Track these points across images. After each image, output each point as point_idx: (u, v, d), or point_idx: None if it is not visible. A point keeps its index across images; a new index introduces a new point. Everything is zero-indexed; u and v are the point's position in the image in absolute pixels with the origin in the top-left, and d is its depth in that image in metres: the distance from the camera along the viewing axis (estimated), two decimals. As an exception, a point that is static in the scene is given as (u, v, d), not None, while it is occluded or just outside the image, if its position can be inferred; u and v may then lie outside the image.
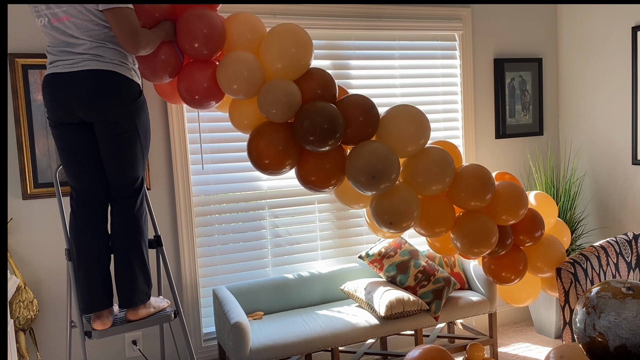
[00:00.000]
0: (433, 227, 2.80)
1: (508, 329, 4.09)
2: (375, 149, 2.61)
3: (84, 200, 2.43)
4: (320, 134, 2.49)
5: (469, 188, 2.77)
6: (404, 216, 2.67)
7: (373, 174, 2.56)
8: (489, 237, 2.78)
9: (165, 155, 3.21)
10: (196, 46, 2.51)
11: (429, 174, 2.73)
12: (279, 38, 2.59)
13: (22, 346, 2.82)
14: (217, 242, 3.38)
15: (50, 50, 2.33)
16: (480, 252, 2.82)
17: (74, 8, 2.23)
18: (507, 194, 2.88)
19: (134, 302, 2.46)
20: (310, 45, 2.63)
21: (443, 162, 2.74)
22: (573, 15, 4.08)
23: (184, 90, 2.61)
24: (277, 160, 2.61)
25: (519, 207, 2.87)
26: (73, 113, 2.33)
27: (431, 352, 2.60)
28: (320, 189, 2.69)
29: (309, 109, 2.53)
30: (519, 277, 2.98)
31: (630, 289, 2.23)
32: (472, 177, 2.79)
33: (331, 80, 2.68)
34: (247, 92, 2.57)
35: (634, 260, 3.12)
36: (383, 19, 3.60)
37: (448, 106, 3.90)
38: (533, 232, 2.97)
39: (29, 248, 2.95)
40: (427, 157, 2.75)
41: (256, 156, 2.63)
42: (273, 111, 2.53)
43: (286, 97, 2.51)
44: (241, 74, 2.52)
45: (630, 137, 3.76)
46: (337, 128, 2.52)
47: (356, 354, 3.31)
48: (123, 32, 2.24)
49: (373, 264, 3.39)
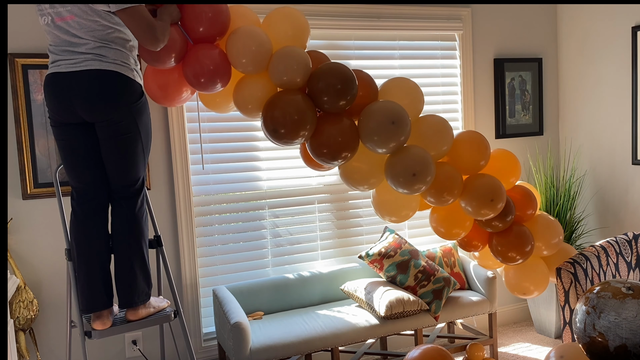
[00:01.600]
0: (443, 191, 2.82)
1: (508, 329, 4.09)
2: (386, 104, 2.69)
3: (85, 200, 2.43)
4: (334, 93, 2.55)
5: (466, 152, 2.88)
6: (425, 167, 2.69)
7: (392, 120, 2.60)
8: (499, 192, 2.84)
9: (165, 155, 3.21)
10: (202, 29, 2.51)
11: (430, 137, 2.81)
12: (277, 21, 2.65)
13: (22, 346, 2.82)
14: (217, 242, 3.38)
15: (53, 49, 2.33)
16: (493, 209, 2.84)
17: (78, 8, 2.23)
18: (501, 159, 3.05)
19: (134, 302, 2.45)
20: (306, 28, 2.69)
21: (441, 128, 2.81)
22: (573, 15, 4.08)
23: (190, 74, 2.58)
24: (292, 129, 2.58)
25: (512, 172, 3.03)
26: (74, 113, 2.32)
27: (431, 352, 2.60)
28: (332, 161, 2.68)
29: (323, 70, 2.60)
30: (525, 257, 2.98)
31: (630, 289, 2.23)
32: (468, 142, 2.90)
33: (328, 60, 2.73)
34: (256, 64, 2.59)
35: (634, 260, 3.12)
36: (383, 19, 3.60)
37: (448, 106, 3.90)
38: (526, 209, 3.01)
39: (29, 248, 2.95)
40: (425, 124, 2.82)
41: (272, 127, 2.61)
42: (285, 78, 2.56)
43: (297, 63, 2.55)
44: (250, 47, 2.53)
45: (630, 137, 3.76)
46: (352, 86, 2.60)
47: (356, 354, 3.31)
48: (141, 30, 2.24)
49: (373, 263, 3.39)
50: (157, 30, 2.28)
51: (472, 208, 2.82)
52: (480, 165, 2.91)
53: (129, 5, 2.21)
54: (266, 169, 3.45)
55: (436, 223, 3.00)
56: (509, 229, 2.97)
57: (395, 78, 2.87)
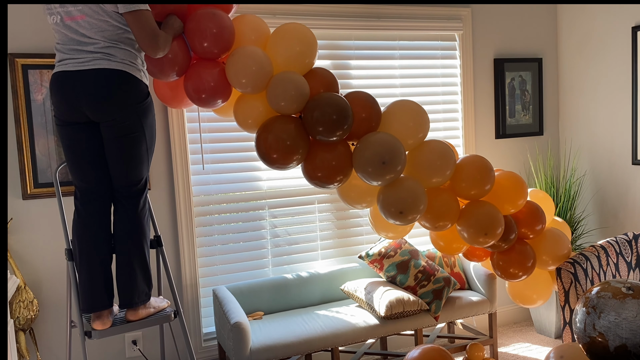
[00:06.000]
0: (438, 219, 2.80)
1: (508, 329, 4.09)
2: (383, 137, 2.65)
3: (89, 199, 2.44)
4: (330, 123, 2.52)
5: (469, 178, 2.80)
6: (413, 205, 2.67)
7: (383, 159, 2.58)
8: (495, 224, 2.79)
9: (165, 155, 3.21)
10: (206, 45, 2.52)
11: (430, 165, 2.76)
12: (284, 37, 2.62)
13: (22, 346, 2.82)
14: (217, 242, 3.38)
15: (60, 48, 2.33)
16: (486, 242, 2.82)
17: (89, 8, 2.25)
18: (507, 183, 2.93)
19: (134, 303, 2.46)
20: (314, 44, 2.67)
21: (444, 154, 2.76)
22: (573, 15, 4.08)
23: (191, 89, 2.60)
24: (285, 155, 2.60)
25: (518, 196, 2.91)
26: (81, 112, 2.33)
27: (431, 352, 2.60)
28: (326, 184, 2.69)
29: (319, 99, 2.57)
30: (527, 273, 2.96)
31: (630, 289, 2.23)
32: (472, 168, 2.82)
33: (333, 79, 2.70)
34: (255, 85, 2.58)
35: (634, 260, 3.12)
36: (383, 19, 3.60)
37: (448, 106, 3.90)
38: (534, 225, 2.96)
39: (29, 248, 2.95)
40: (427, 149, 2.79)
41: (264, 150, 2.63)
42: (282, 103, 2.55)
43: (295, 90, 2.54)
44: (250, 68, 2.53)
45: (630, 137, 3.76)
46: (347, 117, 2.57)
47: (356, 354, 3.31)
48: (144, 34, 2.27)
49: (373, 264, 3.39)
50: (160, 38, 2.31)
51: (468, 237, 2.82)
52: (485, 190, 2.85)
53: (136, 8, 2.24)
54: (266, 169, 3.44)
55: (436, 236, 3.00)
56: (511, 247, 2.95)
57: (401, 100, 2.82)
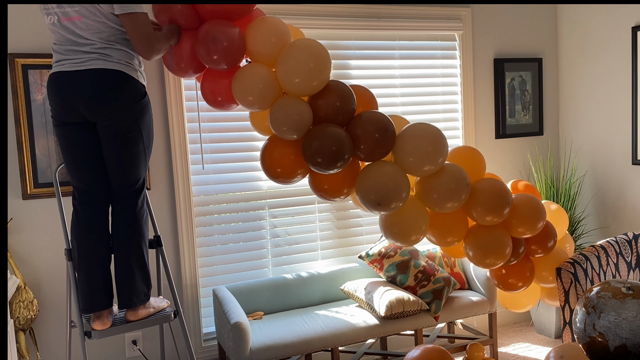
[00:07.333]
0: (445, 236, 2.76)
1: (508, 329, 4.09)
2: (383, 175, 2.57)
3: (87, 199, 2.44)
4: (328, 156, 2.46)
5: (485, 203, 2.70)
6: (410, 232, 2.67)
7: (378, 201, 2.55)
8: (502, 249, 2.74)
9: (165, 155, 3.21)
10: (215, 59, 2.49)
11: (445, 191, 2.64)
12: (297, 53, 2.52)
13: (22, 346, 2.82)
14: (217, 242, 3.38)
15: (57, 48, 2.34)
16: (494, 264, 2.77)
17: (86, 9, 2.25)
18: (525, 208, 2.79)
19: (133, 303, 2.46)
20: (328, 60, 2.55)
21: (458, 179, 2.65)
22: (573, 15, 4.08)
23: (207, 92, 2.63)
24: (289, 169, 2.60)
25: (536, 220, 2.79)
26: (77, 112, 2.33)
27: (431, 352, 2.60)
28: (332, 198, 2.68)
29: (318, 132, 2.52)
30: (526, 284, 2.96)
31: (630, 289, 2.23)
32: (488, 193, 2.71)
33: (350, 94, 2.59)
34: (262, 105, 2.57)
35: (634, 260, 3.12)
36: (383, 19, 3.60)
37: (448, 106, 3.90)
38: (546, 242, 2.89)
39: (29, 248, 2.95)
40: (442, 174, 2.67)
41: (269, 164, 2.62)
42: (284, 128, 2.51)
43: (297, 116, 2.49)
44: (257, 86, 2.50)
45: (630, 137, 3.76)
46: (345, 151, 2.50)
47: (356, 354, 3.31)
48: (138, 37, 2.29)
49: (373, 264, 3.39)
50: (154, 40, 2.32)
51: (474, 259, 2.82)
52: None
53: (132, 10, 2.25)
54: (266, 169, 3.45)
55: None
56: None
57: (417, 124, 2.69)
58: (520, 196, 2.87)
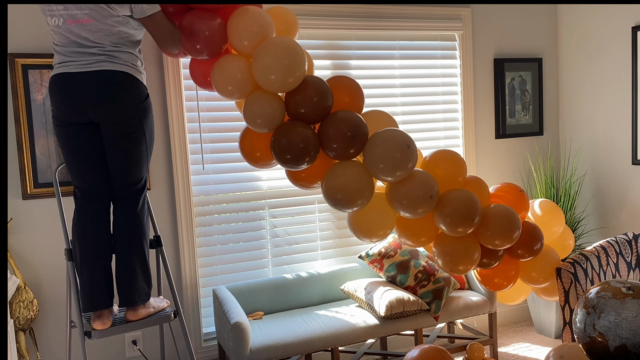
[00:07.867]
0: (418, 237, 2.72)
1: (508, 329, 4.09)
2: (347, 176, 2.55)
3: (88, 199, 2.44)
4: (296, 152, 2.48)
5: (452, 215, 2.60)
6: (377, 228, 2.66)
7: (335, 202, 2.57)
8: (470, 256, 2.68)
9: (165, 155, 3.21)
10: (198, 47, 2.54)
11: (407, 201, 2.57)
12: (270, 52, 2.49)
13: (22, 346, 2.82)
14: (217, 242, 3.38)
15: (60, 49, 2.33)
16: (465, 270, 2.72)
17: (97, 12, 2.26)
18: (498, 219, 2.69)
19: (134, 302, 2.46)
20: (302, 58, 2.51)
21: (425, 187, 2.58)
22: (573, 15, 4.08)
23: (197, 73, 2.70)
24: (269, 153, 2.62)
25: (511, 231, 2.69)
26: (83, 112, 2.34)
27: (431, 352, 2.60)
28: (310, 185, 2.71)
29: (286, 128, 2.53)
30: (512, 282, 2.93)
31: (630, 289, 2.23)
32: (457, 204, 2.62)
33: (327, 89, 2.56)
34: (241, 94, 2.59)
35: (634, 260, 3.12)
36: (383, 19, 3.60)
37: (448, 106, 3.90)
38: (532, 245, 2.81)
39: (29, 248, 2.95)
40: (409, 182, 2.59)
41: (249, 149, 2.66)
42: (258, 121, 2.52)
43: (270, 109, 2.51)
44: (235, 76, 2.53)
45: (630, 137, 3.76)
46: (310, 149, 2.51)
47: (356, 354, 3.31)
48: (163, 35, 2.38)
49: (373, 263, 3.39)
50: (178, 35, 2.41)
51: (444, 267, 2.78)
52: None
53: (153, 11, 2.30)
54: (266, 169, 3.45)
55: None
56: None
57: (387, 130, 2.60)
58: (494, 208, 2.75)
